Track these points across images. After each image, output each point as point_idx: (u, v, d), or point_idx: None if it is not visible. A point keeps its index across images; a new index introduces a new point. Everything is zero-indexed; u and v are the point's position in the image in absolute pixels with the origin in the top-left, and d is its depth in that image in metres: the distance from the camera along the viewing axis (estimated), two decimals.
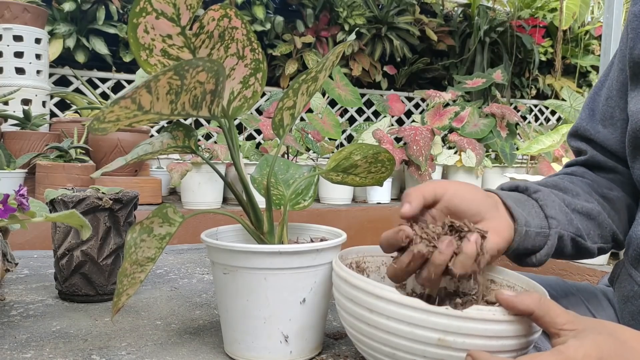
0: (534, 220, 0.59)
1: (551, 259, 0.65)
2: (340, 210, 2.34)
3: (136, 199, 0.76)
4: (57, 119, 2.23)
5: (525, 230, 0.57)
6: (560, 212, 0.61)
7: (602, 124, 0.72)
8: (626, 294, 0.63)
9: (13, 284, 0.82)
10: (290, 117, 0.58)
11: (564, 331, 0.41)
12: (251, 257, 0.52)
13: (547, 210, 0.60)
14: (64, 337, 0.60)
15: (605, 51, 2.05)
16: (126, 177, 2.06)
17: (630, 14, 0.66)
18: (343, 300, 0.48)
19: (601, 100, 0.73)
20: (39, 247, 1.62)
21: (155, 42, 0.50)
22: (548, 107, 4.42)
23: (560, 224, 0.61)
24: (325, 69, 0.56)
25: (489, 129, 2.79)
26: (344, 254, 0.55)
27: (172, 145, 0.55)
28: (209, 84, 0.47)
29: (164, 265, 0.98)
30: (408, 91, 4.04)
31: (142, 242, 0.51)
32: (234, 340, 0.55)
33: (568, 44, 4.38)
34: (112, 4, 2.94)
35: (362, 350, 0.48)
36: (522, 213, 0.58)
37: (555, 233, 0.60)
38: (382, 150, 0.62)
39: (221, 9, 0.51)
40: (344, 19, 3.59)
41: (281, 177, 0.69)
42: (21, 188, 0.56)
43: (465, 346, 0.41)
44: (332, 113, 2.73)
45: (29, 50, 2.31)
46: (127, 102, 0.42)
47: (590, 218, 0.64)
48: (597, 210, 0.65)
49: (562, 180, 0.68)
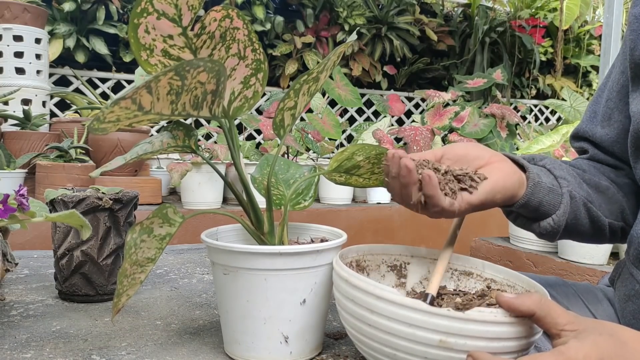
0: (545, 178, 0.59)
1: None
2: (340, 210, 2.34)
3: (136, 199, 0.76)
4: (57, 119, 2.23)
5: (537, 180, 0.57)
6: (570, 175, 0.61)
7: (601, 125, 0.73)
8: (627, 293, 0.63)
9: (13, 284, 0.82)
10: (291, 117, 0.57)
11: (565, 332, 0.41)
12: (251, 258, 0.52)
13: (555, 172, 0.60)
14: (64, 337, 0.60)
15: (605, 51, 2.05)
16: (126, 177, 2.06)
17: (631, 16, 0.66)
18: (344, 300, 0.48)
19: (602, 102, 0.73)
20: (39, 247, 1.62)
21: (156, 42, 0.50)
22: (548, 107, 4.42)
23: (571, 184, 0.60)
24: (327, 69, 0.56)
25: (489, 129, 2.79)
26: (344, 253, 0.55)
27: (172, 144, 0.55)
28: (209, 85, 0.47)
29: (164, 265, 0.98)
30: (408, 91, 4.04)
31: (142, 242, 0.51)
32: (234, 341, 0.55)
33: (568, 44, 4.38)
34: (112, 4, 2.94)
35: (362, 351, 0.48)
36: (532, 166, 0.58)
37: (567, 192, 0.59)
38: (384, 151, 0.62)
39: (223, 9, 0.51)
40: (344, 19, 3.59)
41: (281, 177, 0.69)
42: (21, 188, 0.56)
43: (466, 348, 0.41)
44: (332, 113, 2.73)
45: (29, 50, 2.31)
46: (127, 102, 0.42)
47: (599, 190, 0.64)
48: (605, 185, 0.65)
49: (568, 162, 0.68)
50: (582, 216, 0.62)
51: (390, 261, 0.60)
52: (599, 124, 0.73)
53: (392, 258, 0.60)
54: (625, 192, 0.68)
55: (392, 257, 0.60)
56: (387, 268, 0.60)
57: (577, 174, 0.64)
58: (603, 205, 0.64)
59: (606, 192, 0.65)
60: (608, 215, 0.65)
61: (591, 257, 1.65)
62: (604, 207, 0.64)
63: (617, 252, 1.74)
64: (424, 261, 0.60)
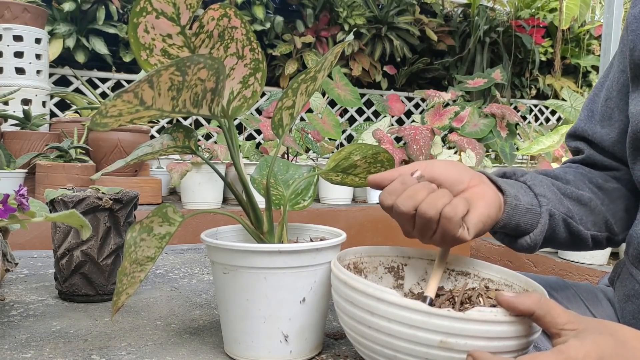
0: (524, 197, 0.59)
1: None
2: (340, 210, 2.34)
3: (136, 199, 0.76)
4: (57, 119, 2.23)
5: (515, 203, 0.57)
6: (550, 192, 0.61)
7: (600, 125, 0.72)
8: (627, 293, 0.63)
9: (13, 284, 0.82)
10: (289, 116, 0.57)
11: (564, 331, 0.41)
12: (251, 257, 0.52)
13: (535, 189, 0.60)
14: (64, 337, 0.60)
15: (605, 51, 2.05)
16: (126, 177, 2.06)
17: (630, 16, 0.66)
18: (342, 302, 0.48)
19: (600, 101, 0.73)
20: (39, 247, 1.62)
21: (155, 41, 0.50)
22: (548, 107, 4.42)
23: (551, 202, 0.60)
24: (324, 69, 0.56)
25: (489, 129, 2.79)
26: (342, 255, 0.55)
27: (171, 146, 0.55)
28: (209, 82, 0.47)
29: (164, 265, 0.98)
30: (408, 91, 4.04)
31: (142, 241, 0.51)
32: (233, 340, 0.55)
33: (568, 44, 4.38)
34: (112, 4, 2.94)
35: (362, 353, 0.48)
36: (510, 187, 0.58)
37: (547, 210, 0.59)
38: (381, 150, 0.62)
39: (221, 8, 0.51)
40: (344, 19, 3.59)
41: (281, 177, 0.69)
42: (21, 188, 0.56)
43: (467, 348, 0.41)
44: (332, 113, 2.73)
45: (29, 50, 2.31)
46: (129, 96, 0.42)
47: (581, 204, 0.64)
48: (587, 197, 0.65)
49: (553, 171, 0.68)
50: (561, 231, 0.62)
51: (387, 263, 0.60)
52: (599, 123, 0.72)
53: (390, 260, 0.60)
54: (613, 198, 0.68)
55: (389, 258, 0.60)
56: (384, 270, 0.60)
57: (559, 189, 0.63)
58: (585, 218, 0.64)
59: (589, 204, 0.65)
60: (590, 228, 0.65)
61: (591, 257, 1.65)
62: (586, 220, 0.64)
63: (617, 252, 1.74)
64: (421, 262, 0.60)
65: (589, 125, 0.73)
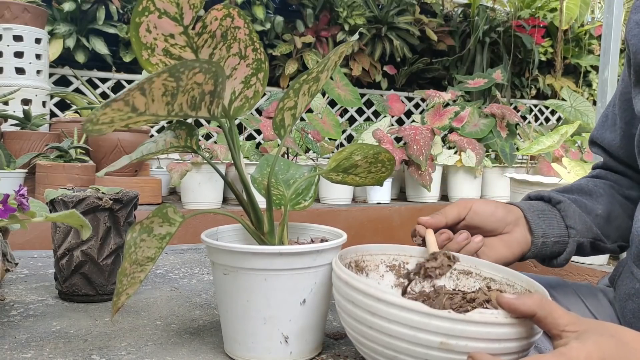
0: (554, 231, 0.66)
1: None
2: (340, 210, 2.34)
3: (136, 199, 0.76)
4: (57, 119, 2.23)
5: (542, 241, 0.65)
6: (580, 222, 0.68)
7: (609, 130, 0.76)
8: (627, 292, 0.63)
9: (13, 284, 0.82)
10: (291, 117, 0.57)
11: (566, 332, 0.41)
12: (251, 258, 0.52)
13: (567, 221, 0.67)
14: (64, 337, 0.60)
15: (605, 51, 2.05)
16: (126, 177, 2.06)
17: (632, 22, 0.67)
18: (343, 302, 0.48)
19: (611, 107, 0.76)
20: (39, 247, 1.62)
21: (157, 41, 0.50)
22: (548, 107, 4.42)
23: (579, 233, 0.67)
24: (327, 69, 0.56)
25: (489, 129, 2.79)
26: (343, 253, 0.55)
27: (174, 144, 0.55)
28: (207, 85, 0.47)
29: (164, 265, 0.98)
30: (408, 91, 4.04)
31: (142, 241, 0.51)
32: (234, 341, 0.55)
33: (568, 43, 4.38)
34: (112, 4, 2.93)
35: (363, 353, 0.48)
36: (541, 226, 0.65)
37: (574, 242, 0.67)
38: (382, 150, 0.62)
39: (224, 8, 0.51)
40: (344, 19, 3.59)
41: (281, 177, 0.69)
42: (21, 188, 0.56)
43: (467, 349, 0.41)
44: (332, 113, 2.73)
45: (29, 50, 2.30)
46: (119, 104, 0.41)
47: (609, 221, 0.70)
48: (617, 213, 0.70)
49: (587, 184, 0.73)
50: (587, 250, 0.69)
51: (389, 261, 0.60)
52: (609, 129, 0.74)
53: (391, 258, 0.60)
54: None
55: (390, 256, 0.60)
56: (385, 268, 0.60)
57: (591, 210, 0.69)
58: (613, 233, 0.70)
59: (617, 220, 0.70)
60: (617, 240, 0.71)
61: (591, 257, 1.65)
62: (614, 235, 0.70)
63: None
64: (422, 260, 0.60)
65: (601, 131, 0.76)
